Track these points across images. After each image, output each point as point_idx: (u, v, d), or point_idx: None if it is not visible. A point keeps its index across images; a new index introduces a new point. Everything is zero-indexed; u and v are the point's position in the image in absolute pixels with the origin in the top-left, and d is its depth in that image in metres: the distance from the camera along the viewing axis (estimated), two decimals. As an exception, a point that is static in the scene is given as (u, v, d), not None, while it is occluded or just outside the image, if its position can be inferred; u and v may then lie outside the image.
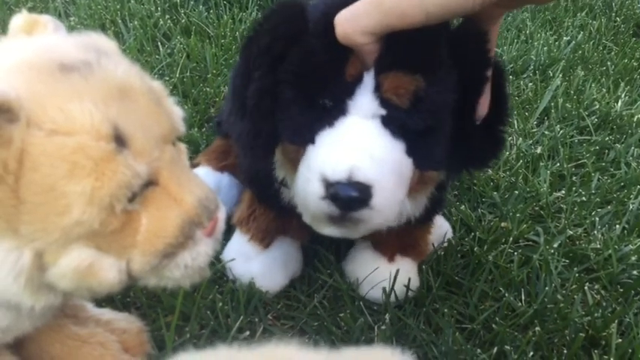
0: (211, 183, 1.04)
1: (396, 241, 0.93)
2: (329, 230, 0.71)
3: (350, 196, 0.64)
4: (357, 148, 0.66)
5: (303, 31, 0.67)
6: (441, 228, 1.04)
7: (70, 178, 0.48)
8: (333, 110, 0.68)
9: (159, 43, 1.54)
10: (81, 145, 0.49)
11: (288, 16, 0.69)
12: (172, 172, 0.56)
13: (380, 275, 0.92)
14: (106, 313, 0.78)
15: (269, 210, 0.92)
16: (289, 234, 0.95)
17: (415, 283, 0.94)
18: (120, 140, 0.51)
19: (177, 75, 1.38)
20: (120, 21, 1.60)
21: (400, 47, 0.64)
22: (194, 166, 1.08)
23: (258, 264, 0.92)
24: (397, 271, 0.91)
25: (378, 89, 0.66)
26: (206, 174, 1.06)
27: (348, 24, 0.63)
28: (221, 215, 0.60)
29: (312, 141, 0.69)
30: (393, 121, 0.67)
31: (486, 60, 0.69)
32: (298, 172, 0.71)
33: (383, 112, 0.67)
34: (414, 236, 0.95)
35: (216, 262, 0.94)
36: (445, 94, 0.68)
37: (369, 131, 0.67)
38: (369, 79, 0.66)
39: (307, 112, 0.69)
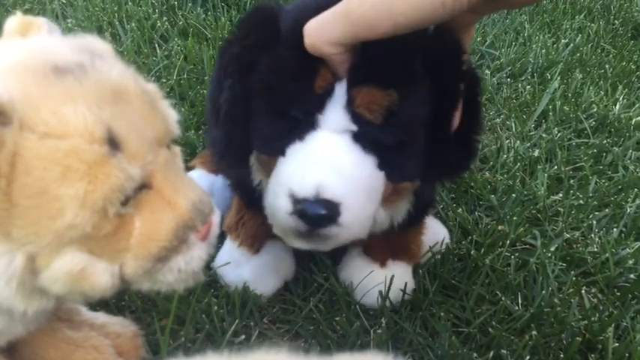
0: (204, 185, 1.04)
1: (385, 246, 0.92)
2: (298, 244, 0.70)
3: (317, 214, 0.63)
4: (326, 163, 0.65)
5: (274, 38, 0.66)
6: (437, 235, 1.03)
7: (62, 182, 0.48)
8: (303, 123, 0.67)
9: (156, 45, 1.53)
10: (74, 148, 0.48)
11: (260, 23, 0.68)
12: (166, 175, 0.56)
13: (373, 281, 0.91)
14: (101, 317, 0.78)
15: (257, 215, 0.90)
16: (278, 238, 0.94)
17: (410, 285, 0.94)
18: (113, 143, 0.51)
19: (175, 77, 1.38)
20: (117, 23, 1.60)
21: (374, 60, 0.63)
22: (189, 169, 1.08)
23: (249, 269, 0.91)
24: (392, 277, 0.90)
25: (350, 104, 0.65)
26: (199, 176, 1.06)
27: (316, 34, 0.61)
28: (215, 219, 0.60)
29: (282, 153, 0.68)
30: (365, 137, 0.66)
31: (461, 73, 0.68)
32: (268, 184, 0.70)
33: (354, 127, 0.66)
34: (405, 240, 0.94)
35: (210, 268, 0.94)
36: (419, 107, 0.66)
37: (338, 146, 0.66)
38: (340, 92, 0.65)
39: (277, 124, 0.68)
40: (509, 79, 1.65)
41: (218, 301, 0.89)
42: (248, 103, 0.69)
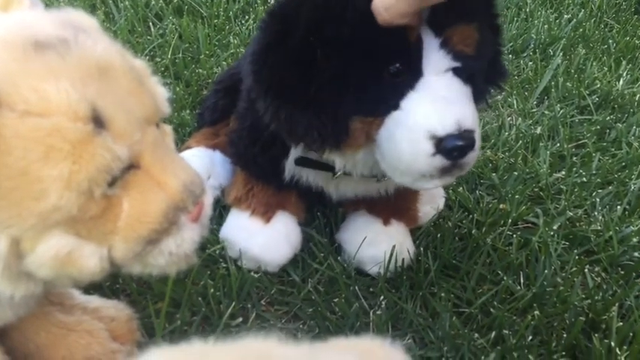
0: (205, 160, 1.03)
1: (389, 205, 0.95)
2: (433, 183, 0.75)
3: (462, 145, 0.69)
4: (452, 100, 0.70)
5: (351, 10, 0.69)
6: (432, 193, 1.05)
7: (45, 162, 0.46)
8: (408, 74, 0.70)
9: (150, 24, 1.50)
10: (57, 126, 0.46)
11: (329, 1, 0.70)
12: (155, 155, 0.54)
13: (378, 237, 0.92)
14: (94, 301, 0.76)
15: (267, 186, 0.93)
16: (288, 209, 0.95)
17: (411, 248, 0.95)
18: (99, 121, 0.48)
19: (169, 56, 1.35)
20: (110, 1, 1.56)
21: (450, 3, 0.66)
22: (185, 149, 1.06)
23: (262, 237, 0.92)
24: (393, 246, 0.91)
25: (445, 44, 0.70)
26: (198, 152, 1.05)
27: (387, 13, 0.66)
28: (207, 200, 0.58)
29: (396, 107, 0.71)
30: (464, 70, 0.72)
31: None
32: (384, 142, 0.73)
33: (457, 64, 0.71)
34: (405, 200, 0.97)
35: (214, 243, 0.92)
36: (489, 32, 0.76)
37: (451, 84, 0.71)
38: (429, 38, 0.69)
39: (382, 83, 0.71)
40: (510, 56, 1.62)
41: (214, 283, 0.87)
42: (339, 79, 0.71)
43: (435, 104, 0.70)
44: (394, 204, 0.95)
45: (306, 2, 0.71)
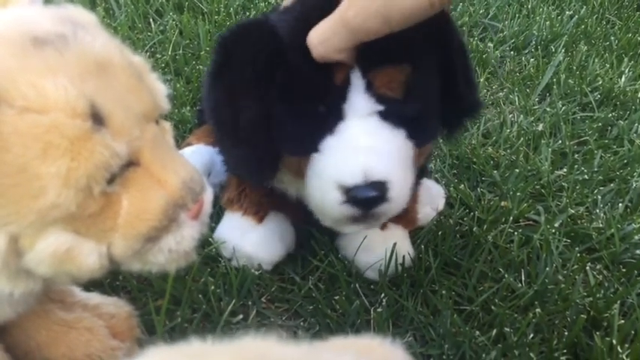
0: (205, 158, 1.03)
1: None
2: (350, 228, 0.74)
3: (370, 197, 0.67)
4: (365, 147, 0.68)
5: (283, 48, 0.68)
6: (431, 190, 1.04)
7: (43, 159, 0.46)
8: (330, 117, 0.69)
9: (151, 20, 1.50)
10: (55, 123, 0.46)
11: (264, 38, 0.70)
12: (155, 152, 0.53)
13: (374, 242, 0.91)
14: (94, 298, 0.76)
15: (259, 188, 0.92)
16: (281, 209, 0.95)
17: (411, 252, 0.94)
18: (97, 118, 0.48)
19: (170, 52, 1.35)
20: (111, -3, 1.56)
21: (380, 42, 0.65)
22: (185, 146, 1.06)
23: (254, 236, 0.91)
24: (394, 243, 0.90)
25: (370, 87, 0.68)
26: (198, 150, 1.04)
27: (322, 47, 0.65)
28: (207, 197, 0.58)
29: (315, 150, 0.71)
30: (391, 113, 0.69)
31: (456, 38, 0.75)
32: (308, 181, 0.73)
33: (380, 107, 0.69)
34: None
35: (209, 243, 0.92)
36: (431, 73, 0.72)
37: (371, 129, 0.69)
38: (356, 79, 0.68)
39: (305, 123, 0.70)
40: (512, 52, 1.62)
41: (215, 280, 0.87)
42: (269, 115, 0.71)
43: (346, 152, 0.68)
44: None
45: (245, 36, 0.72)
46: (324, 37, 0.65)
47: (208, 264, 0.90)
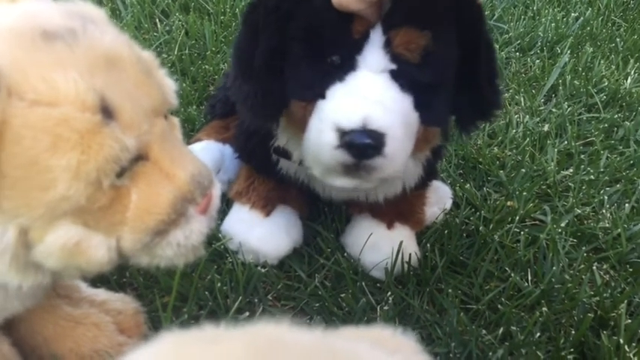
0: (215, 153, 1.03)
1: (393, 208, 0.93)
2: (341, 181, 0.72)
3: (365, 143, 0.66)
4: (370, 98, 0.68)
5: None
6: (438, 190, 1.04)
7: (53, 152, 0.46)
8: (342, 66, 0.70)
9: (157, 20, 1.50)
10: (65, 116, 0.46)
11: None
12: (164, 146, 0.53)
13: (380, 241, 0.91)
14: (101, 294, 0.76)
15: (268, 180, 0.93)
16: (289, 203, 0.95)
17: (417, 252, 0.94)
18: (107, 112, 0.48)
19: (176, 52, 1.35)
20: (117, -2, 1.57)
21: (407, 4, 0.66)
22: (195, 141, 1.07)
23: (261, 230, 0.92)
24: (400, 242, 0.90)
25: (388, 45, 0.68)
26: (208, 146, 1.05)
27: None
28: (216, 192, 0.58)
29: (322, 96, 0.71)
30: (403, 76, 0.70)
31: (481, 17, 0.74)
32: (308, 127, 0.72)
33: (393, 66, 0.69)
34: (411, 204, 0.96)
35: (216, 240, 0.92)
36: (450, 48, 0.72)
37: (379, 84, 0.69)
38: (376, 36, 0.68)
39: (317, 68, 0.71)
40: (518, 54, 1.61)
41: (222, 277, 0.87)
42: (284, 55, 0.72)
43: (349, 98, 0.69)
44: (399, 207, 0.94)
45: None
46: None
47: (215, 261, 0.90)
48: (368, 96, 0.68)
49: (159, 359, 0.29)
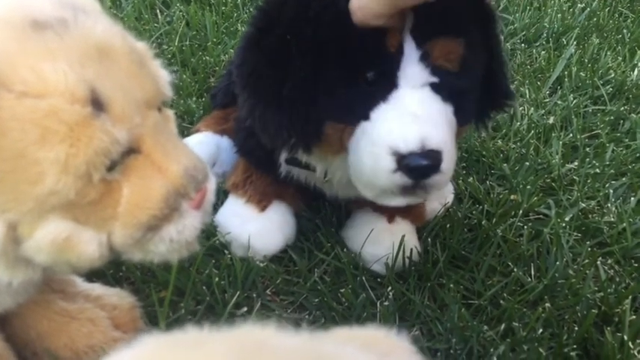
0: (211, 147, 1.02)
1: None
2: (398, 201, 0.72)
3: (424, 165, 0.67)
4: (421, 117, 0.67)
5: (339, 10, 0.67)
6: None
7: (42, 144, 0.45)
8: (381, 83, 0.68)
9: (157, 11, 1.49)
10: (54, 108, 0.45)
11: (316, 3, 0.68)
12: (156, 139, 0.52)
13: (381, 235, 0.90)
14: (97, 289, 0.75)
15: (266, 174, 0.92)
16: (285, 200, 0.94)
17: (417, 245, 0.93)
18: (97, 104, 0.47)
19: (176, 43, 1.34)
20: (118, -12, 1.56)
21: (437, 14, 0.66)
22: (194, 132, 1.06)
23: (255, 225, 0.90)
24: (402, 236, 0.89)
25: (425, 57, 0.67)
26: (206, 137, 1.04)
27: (361, 12, 0.65)
28: (210, 186, 0.57)
29: (365, 117, 0.69)
30: (444, 87, 0.69)
31: (493, 16, 0.75)
32: (354, 150, 0.71)
33: (435, 79, 0.68)
34: None
35: (213, 234, 0.91)
36: (479, 50, 0.72)
37: (425, 100, 0.68)
38: (410, 49, 0.67)
39: (354, 89, 0.69)
40: (523, 45, 1.59)
41: (219, 272, 0.86)
42: (316, 78, 0.70)
43: (402, 119, 0.67)
44: None
45: (288, 0, 0.70)
46: (363, 3, 0.64)
47: (213, 255, 0.89)
48: (418, 114, 0.67)
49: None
